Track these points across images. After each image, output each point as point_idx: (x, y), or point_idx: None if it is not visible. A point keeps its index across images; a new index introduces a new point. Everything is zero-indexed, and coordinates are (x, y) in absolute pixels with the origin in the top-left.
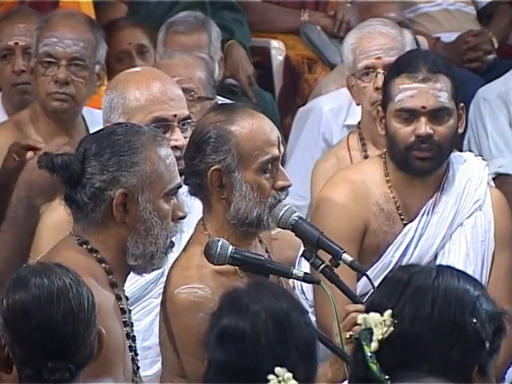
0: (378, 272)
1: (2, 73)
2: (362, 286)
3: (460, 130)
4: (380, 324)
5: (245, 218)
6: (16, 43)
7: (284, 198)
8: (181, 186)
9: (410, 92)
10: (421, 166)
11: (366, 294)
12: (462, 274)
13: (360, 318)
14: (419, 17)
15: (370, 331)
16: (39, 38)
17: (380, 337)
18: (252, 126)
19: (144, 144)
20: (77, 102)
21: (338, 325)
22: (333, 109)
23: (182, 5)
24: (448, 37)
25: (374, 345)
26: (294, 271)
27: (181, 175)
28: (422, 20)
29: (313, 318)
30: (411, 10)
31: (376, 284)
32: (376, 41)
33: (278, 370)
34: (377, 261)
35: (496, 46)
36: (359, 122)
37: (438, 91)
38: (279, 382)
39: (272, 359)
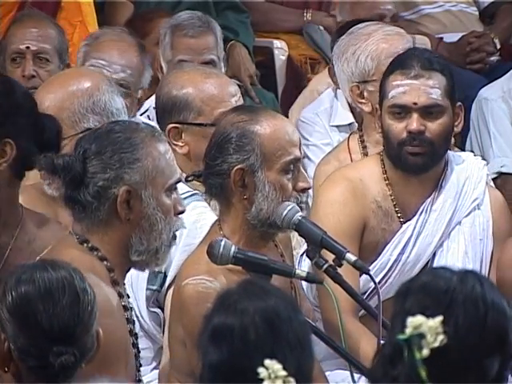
0: (376, 270)
1: (12, 76)
2: (360, 285)
3: (456, 129)
4: (433, 331)
5: (266, 218)
6: (27, 47)
7: (305, 199)
8: (180, 181)
9: (402, 88)
10: (413, 161)
11: (365, 292)
12: (486, 280)
13: (410, 321)
14: (422, 18)
15: (420, 336)
16: (86, 55)
17: (435, 344)
18: (275, 127)
19: (144, 140)
20: None
21: (341, 324)
22: (317, 113)
23: (185, 5)
24: (451, 37)
25: (426, 351)
26: (297, 271)
27: (199, 177)
28: (424, 21)
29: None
30: (414, 11)
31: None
32: (397, 42)
33: (267, 362)
34: (375, 259)
35: (498, 47)
36: (360, 124)
37: (429, 88)
38: (269, 374)
39: (262, 354)
